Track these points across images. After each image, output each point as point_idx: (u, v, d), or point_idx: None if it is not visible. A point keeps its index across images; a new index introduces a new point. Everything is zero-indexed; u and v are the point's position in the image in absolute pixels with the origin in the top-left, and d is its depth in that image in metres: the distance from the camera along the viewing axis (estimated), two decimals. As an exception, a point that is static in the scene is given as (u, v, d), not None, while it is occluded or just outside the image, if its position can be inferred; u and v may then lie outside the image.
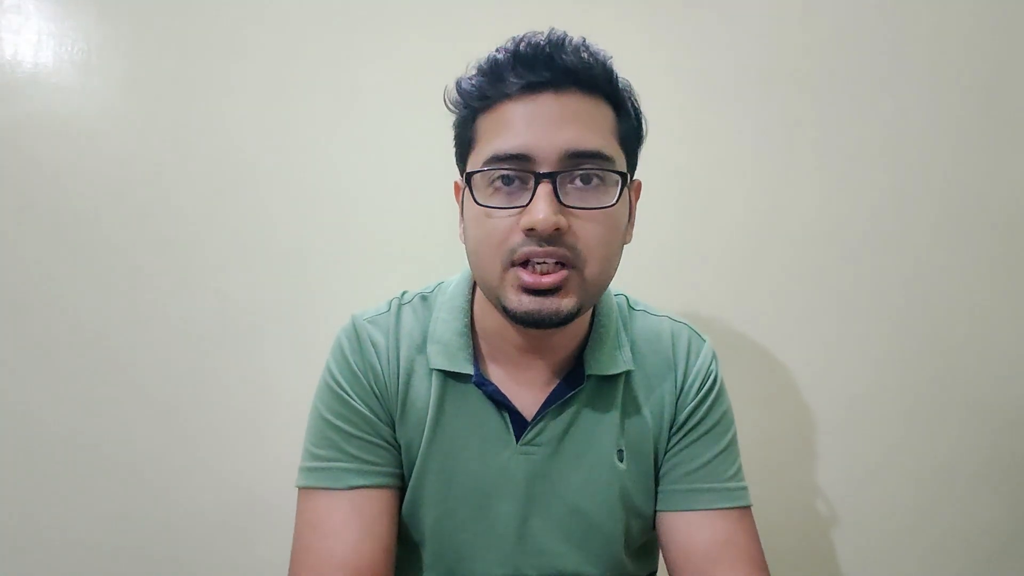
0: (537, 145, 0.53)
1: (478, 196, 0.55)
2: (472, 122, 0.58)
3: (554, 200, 0.52)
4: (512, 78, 0.54)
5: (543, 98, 0.53)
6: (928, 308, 0.96)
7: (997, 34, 0.93)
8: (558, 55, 0.53)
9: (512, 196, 0.54)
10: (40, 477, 0.89)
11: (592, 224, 0.54)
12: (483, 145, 0.56)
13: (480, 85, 0.56)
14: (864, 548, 0.97)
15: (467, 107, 0.58)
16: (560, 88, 0.54)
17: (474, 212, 0.56)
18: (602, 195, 0.55)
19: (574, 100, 0.54)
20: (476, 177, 0.55)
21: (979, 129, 0.94)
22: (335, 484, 0.60)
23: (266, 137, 0.90)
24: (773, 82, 0.93)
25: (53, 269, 0.88)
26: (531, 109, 0.53)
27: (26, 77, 0.86)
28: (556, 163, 0.53)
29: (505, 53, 0.55)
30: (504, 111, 0.54)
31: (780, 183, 0.94)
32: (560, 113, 0.53)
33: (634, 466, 0.64)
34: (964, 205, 0.95)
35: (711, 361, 0.67)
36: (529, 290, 0.54)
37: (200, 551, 0.91)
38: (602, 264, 0.56)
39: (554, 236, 0.52)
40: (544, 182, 0.52)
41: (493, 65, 0.55)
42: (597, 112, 0.55)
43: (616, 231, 0.57)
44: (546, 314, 0.54)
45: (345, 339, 0.65)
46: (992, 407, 0.97)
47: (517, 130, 0.53)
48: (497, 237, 0.54)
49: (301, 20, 0.90)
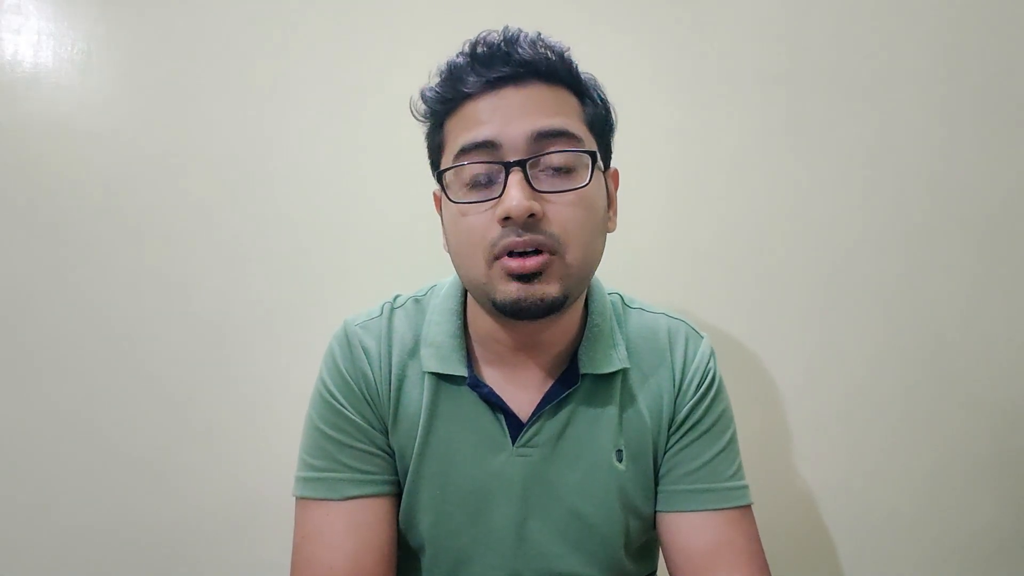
0: (503, 131, 0.53)
1: (452, 194, 0.56)
2: (440, 128, 0.59)
3: (526, 186, 0.52)
4: (472, 77, 0.55)
5: (505, 91, 0.54)
6: (924, 306, 0.95)
7: (994, 34, 0.93)
8: (514, 50, 0.54)
9: (485, 191, 0.54)
10: (40, 475, 0.89)
11: (568, 208, 0.54)
12: (452, 143, 0.56)
13: (442, 89, 0.57)
14: (863, 546, 0.96)
15: (433, 114, 0.59)
16: (521, 81, 0.54)
17: (451, 213, 0.57)
18: (573, 177, 0.55)
19: (536, 90, 0.55)
20: (448, 175, 0.56)
21: (974, 128, 0.94)
22: (331, 495, 0.60)
23: (266, 137, 0.90)
24: (767, 82, 0.93)
25: (53, 269, 0.88)
26: (494, 102, 0.54)
27: (26, 77, 0.86)
28: (524, 149, 0.53)
29: (463, 56, 0.56)
30: (468, 109, 0.55)
31: (775, 182, 0.94)
32: (523, 102, 0.54)
33: (633, 466, 0.64)
34: (959, 204, 0.94)
35: (709, 358, 0.66)
36: (515, 275, 0.53)
37: (201, 550, 0.91)
38: (583, 248, 0.55)
39: (530, 223, 0.52)
40: (514, 170, 0.53)
41: (452, 69, 0.56)
42: (560, 99, 0.56)
43: (593, 214, 0.56)
44: (532, 302, 0.54)
45: (337, 346, 0.64)
46: (990, 406, 0.96)
47: (482, 122, 0.54)
48: (476, 233, 0.54)
49: (301, 20, 0.89)
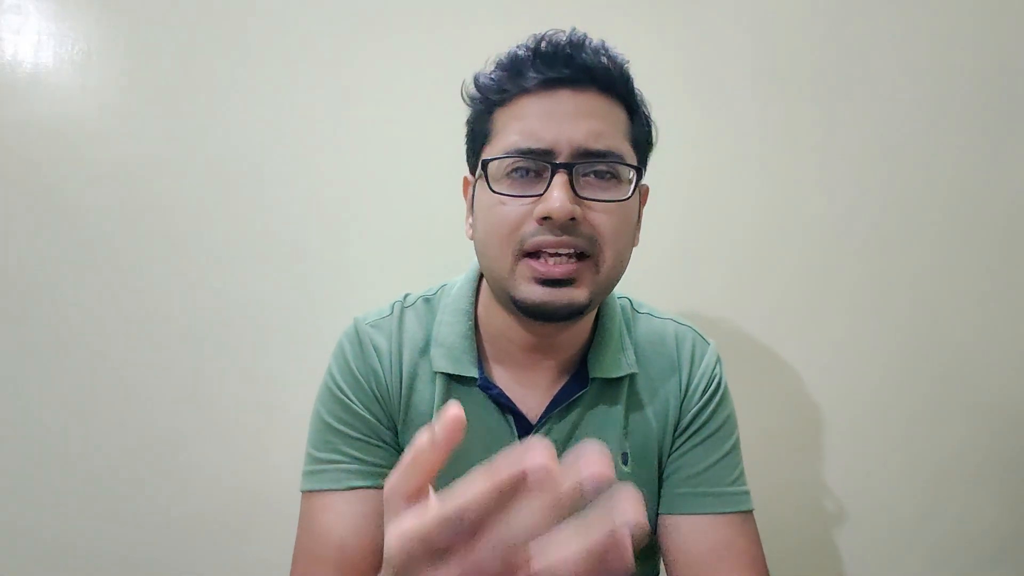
0: (554, 139, 0.53)
1: (493, 184, 0.55)
2: (488, 115, 0.58)
3: (570, 189, 0.52)
4: (531, 73, 0.54)
5: (561, 94, 0.54)
6: (931, 309, 0.96)
7: (993, 34, 0.93)
8: (578, 54, 0.54)
9: (527, 186, 0.54)
10: (39, 477, 0.88)
11: (606, 216, 0.54)
12: (501, 137, 0.56)
13: (499, 79, 0.56)
14: (867, 550, 0.97)
15: (484, 101, 0.58)
16: (578, 85, 0.54)
17: (486, 201, 0.56)
18: (616, 189, 0.55)
19: (591, 98, 0.54)
20: (492, 165, 0.55)
21: (985, 129, 0.94)
22: (335, 485, 0.60)
23: (266, 137, 0.90)
24: (778, 84, 0.93)
25: (53, 269, 0.87)
26: (549, 104, 0.54)
27: (26, 77, 0.86)
28: (571, 156, 0.53)
29: (525, 50, 0.55)
30: (522, 105, 0.55)
31: (785, 185, 0.94)
32: (577, 109, 0.54)
33: (638, 469, 0.64)
34: (967, 206, 0.95)
35: (715, 364, 0.67)
36: (541, 280, 0.54)
37: (204, 547, 0.91)
38: (616, 256, 0.56)
39: (568, 226, 0.52)
40: (560, 172, 0.53)
41: (513, 60, 0.56)
42: (612, 112, 0.56)
43: (628, 226, 0.57)
44: (558, 305, 0.54)
45: (347, 343, 0.64)
46: (993, 407, 0.97)
47: (535, 124, 0.54)
48: (509, 225, 0.54)
49: (302, 20, 0.89)
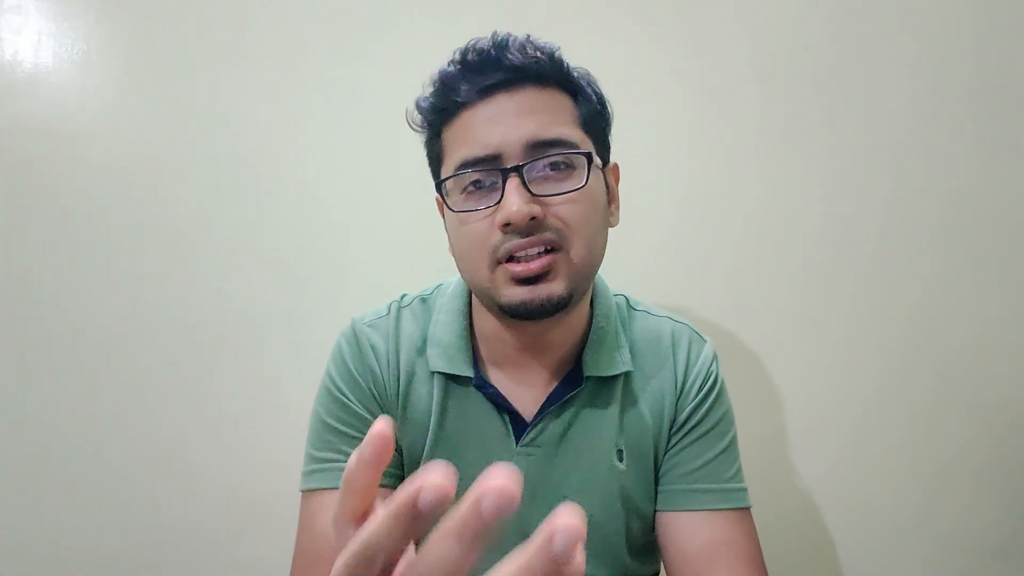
0: (500, 143, 0.54)
1: (452, 203, 0.57)
2: (438, 138, 0.60)
3: (524, 191, 0.53)
4: (464, 86, 0.55)
5: (498, 98, 0.55)
6: (930, 310, 0.95)
7: (993, 34, 0.92)
8: (503, 55, 0.55)
9: (484, 197, 0.55)
10: (38, 478, 0.88)
11: (569, 205, 0.55)
12: (450, 155, 0.57)
13: (436, 100, 0.58)
14: (865, 550, 0.96)
15: (429, 124, 0.60)
16: (512, 86, 0.55)
17: (453, 221, 0.58)
18: (573, 178, 0.56)
19: (529, 95, 0.55)
20: (448, 184, 0.57)
21: (988, 130, 0.93)
22: (335, 484, 0.59)
23: (266, 137, 0.90)
24: (777, 83, 0.93)
25: (52, 269, 0.87)
26: (489, 111, 0.55)
27: (26, 77, 0.86)
28: (520, 155, 0.54)
29: (454, 65, 0.57)
30: (464, 119, 0.56)
31: (784, 184, 0.94)
32: (517, 109, 0.55)
33: (634, 466, 0.64)
34: (968, 207, 0.94)
35: (712, 362, 0.67)
36: (520, 279, 0.54)
37: (204, 548, 0.91)
38: (587, 243, 0.56)
39: (532, 225, 0.53)
40: (511, 176, 0.53)
41: (445, 78, 0.57)
42: (553, 102, 0.57)
43: (595, 210, 0.58)
44: (538, 302, 0.55)
45: (345, 343, 0.65)
46: (992, 407, 0.96)
47: (479, 133, 0.55)
48: (478, 239, 0.55)
49: (301, 20, 0.89)
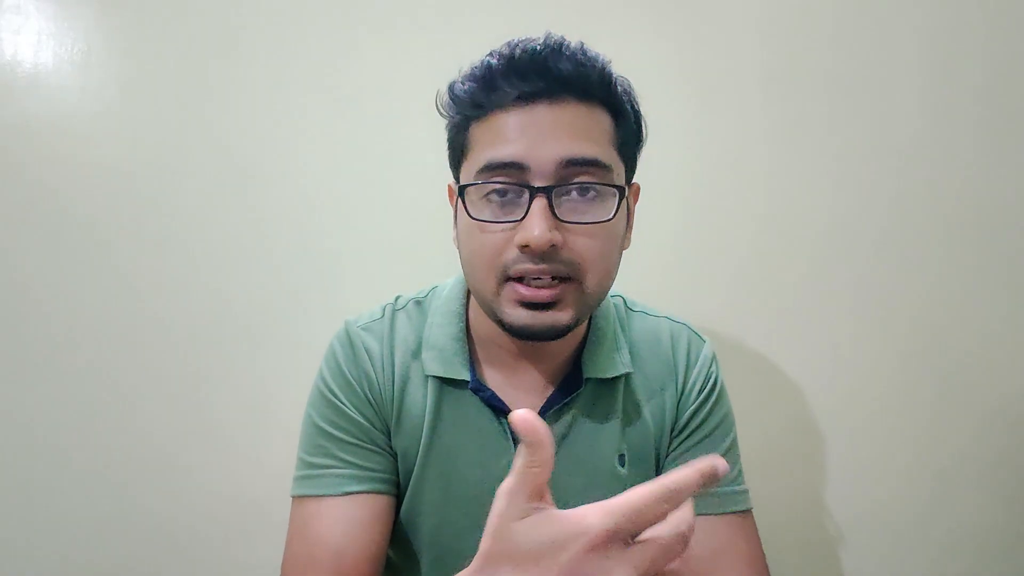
0: (531, 155, 0.51)
1: (471, 209, 0.54)
2: (465, 130, 0.56)
3: (550, 215, 0.51)
4: (506, 87, 0.52)
5: (538, 108, 0.52)
6: (935, 311, 0.94)
7: (994, 34, 0.91)
8: (554, 62, 0.51)
9: (506, 209, 0.53)
10: (36, 478, 0.89)
11: (589, 239, 0.53)
12: (476, 154, 0.54)
13: (473, 92, 0.54)
14: (867, 552, 0.96)
15: (460, 113, 0.56)
16: (555, 97, 0.52)
17: (467, 224, 0.55)
18: (599, 208, 0.53)
19: (570, 109, 0.52)
20: (470, 190, 0.54)
21: (991, 131, 0.92)
22: (328, 491, 0.59)
23: (266, 137, 0.90)
24: (778, 84, 0.92)
25: (52, 269, 0.88)
26: (525, 119, 0.52)
27: (26, 77, 0.86)
28: (551, 174, 0.51)
29: (499, 59, 0.53)
30: (498, 120, 0.53)
31: (789, 186, 0.93)
32: (555, 123, 0.52)
33: (636, 470, 0.63)
34: (973, 209, 0.93)
35: (711, 363, 0.66)
36: (526, 304, 0.53)
37: (200, 549, 0.91)
38: (601, 277, 0.55)
39: (549, 253, 0.51)
40: (539, 196, 0.51)
41: (487, 72, 0.53)
42: (593, 120, 0.54)
43: (614, 243, 0.56)
44: (542, 328, 0.54)
45: (339, 346, 0.64)
46: (994, 407, 0.95)
47: (511, 140, 0.52)
48: (491, 252, 0.53)
49: (301, 20, 0.89)
